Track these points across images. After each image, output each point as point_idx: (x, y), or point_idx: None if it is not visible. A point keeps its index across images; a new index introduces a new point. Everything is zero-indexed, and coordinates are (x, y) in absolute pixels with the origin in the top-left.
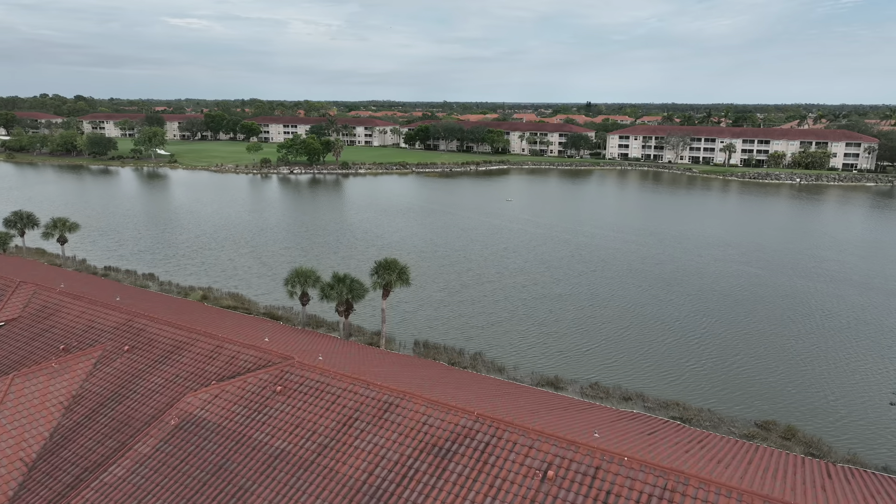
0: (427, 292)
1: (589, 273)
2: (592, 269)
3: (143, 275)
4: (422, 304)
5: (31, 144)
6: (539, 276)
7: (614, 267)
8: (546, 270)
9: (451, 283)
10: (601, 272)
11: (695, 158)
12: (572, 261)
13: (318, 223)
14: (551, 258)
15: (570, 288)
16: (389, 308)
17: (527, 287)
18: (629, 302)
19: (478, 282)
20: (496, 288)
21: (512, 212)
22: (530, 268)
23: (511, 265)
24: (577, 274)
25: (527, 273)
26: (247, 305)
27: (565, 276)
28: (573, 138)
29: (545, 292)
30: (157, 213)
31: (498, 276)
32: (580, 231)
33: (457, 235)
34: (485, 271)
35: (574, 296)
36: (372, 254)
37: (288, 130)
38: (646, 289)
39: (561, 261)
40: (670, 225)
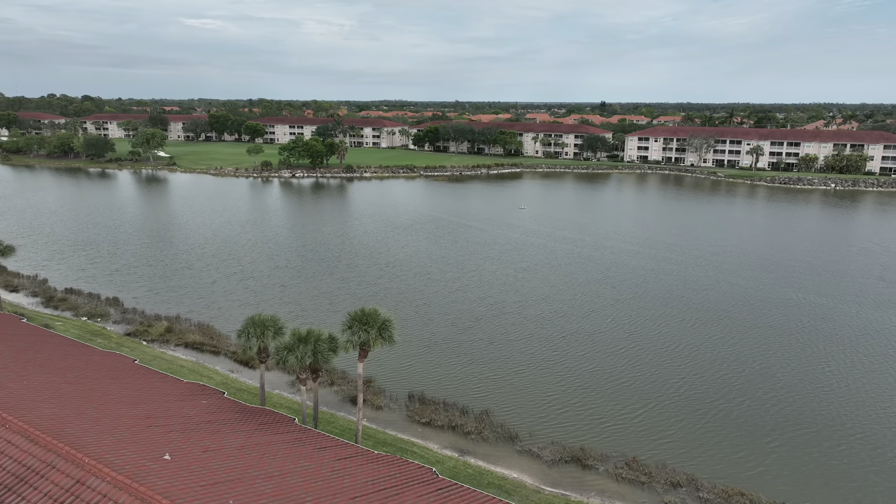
0: (432, 328)
1: (623, 302)
2: (626, 295)
3: (106, 299)
4: (424, 344)
5: (28, 146)
6: (564, 306)
7: (651, 294)
8: (572, 298)
9: (462, 316)
10: (637, 301)
11: (719, 161)
12: (601, 285)
13: (316, 236)
14: (577, 281)
15: (601, 322)
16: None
17: (551, 321)
18: (675, 343)
19: (493, 313)
20: (515, 322)
21: (527, 222)
22: (554, 294)
23: (531, 290)
24: (608, 303)
25: (550, 301)
26: (215, 342)
27: (595, 305)
28: (589, 140)
29: (573, 328)
30: (143, 225)
31: (517, 306)
32: (605, 246)
33: (468, 252)
34: (501, 299)
35: (608, 334)
36: (373, 275)
37: (294, 131)
38: (691, 324)
39: (588, 285)
40: (704, 239)
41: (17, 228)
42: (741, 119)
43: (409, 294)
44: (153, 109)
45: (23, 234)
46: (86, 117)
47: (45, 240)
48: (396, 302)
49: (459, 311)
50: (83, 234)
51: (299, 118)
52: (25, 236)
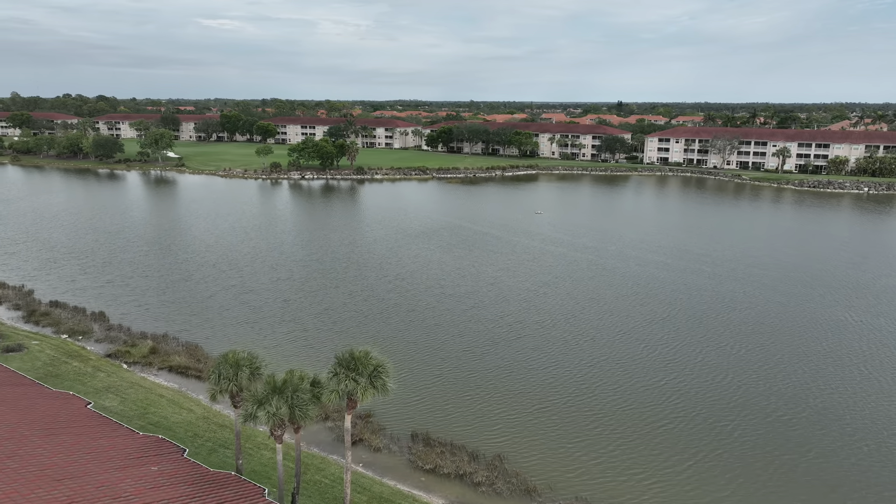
0: (442, 353)
1: (656, 324)
2: (658, 315)
3: (92, 314)
4: (433, 373)
5: (37, 147)
6: (591, 327)
7: (686, 313)
8: (599, 317)
9: (477, 339)
10: (671, 321)
11: (743, 163)
12: (630, 302)
13: (322, 245)
14: (602, 297)
15: (633, 348)
16: None
17: (577, 345)
18: (719, 375)
19: (511, 335)
20: (536, 346)
21: (545, 228)
22: (578, 312)
23: (553, 308)
24: (639, 323)
25: (574, 321)
26: (201, 365)
27: (625, 326)
28: (608, 141)
29: (601, 355)
30: (143, 231)
31: (538, 327)
32: (630, 256)
33: (484, 262)
34: (520, 318)
35: (641, 362)
36: (382, 289)
37: (306, 132)
38: (735, 350)
39: (616, 302)
40: (736, 248)
41: (14, 234)
42: (764, 119)
43: (419, 312)
44: (166, 110)
45: (18, 241)
46: (98, 117)
47: (41, 247)
48: (405, 322)
49: (474, 333)
50: (80, 241)
51: (311, 118)
52: (21, 243)
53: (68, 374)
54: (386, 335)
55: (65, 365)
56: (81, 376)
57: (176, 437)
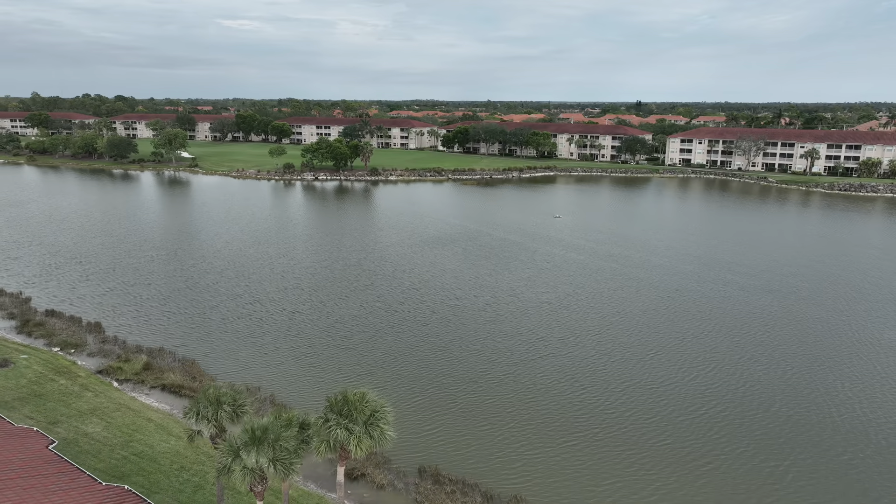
0: (457, 375)
1: (689, 342)
2: (691, 332)
3: (88, 325)
4: (446, 400)
5: (53, 147)
6: (619, 346)
7: (720, 330)
8: (627, 335)
9: (495, 359)
10: (706, 340)
11: (769, 165)
12: (659, 317)
13: (334, 251)
14: (629, 311)
15: (667, 371)
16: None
17: (604, 367)
18: (766, 404)
19: (533, 353)
20: (560, 367)
21: (564, 234)
22: (605, 328)
23: (577, 323)
24: (671, 342)
25: (601, 339)
26: (196, 383)
27: (656, 345)
28: (628, 141)
29: (633, 379)
30: (150, 235)
31: (562, 345)
32: (656, 265)
33: (502, 271)
34: (542, 334)
35: (677, 388)
36: (395, 300)
37: (321, 132)
38: (780, 375)
39: (643, 317)
40: (769, 257)
41: (21, 238)
42: (790, 120)
43: (432, 326)
44: (183, 109)
45: (23, 245)
46: (115, 117)
47: (45, 251)
48: (417, 338)
49: (491, 352)
50: (86, 246)
51: (327, 118)
52: (26, 247)
53: (53, 393)
54: (397, 353)
55: (51, 383)
56: (66, 396)
57: (160, 469)
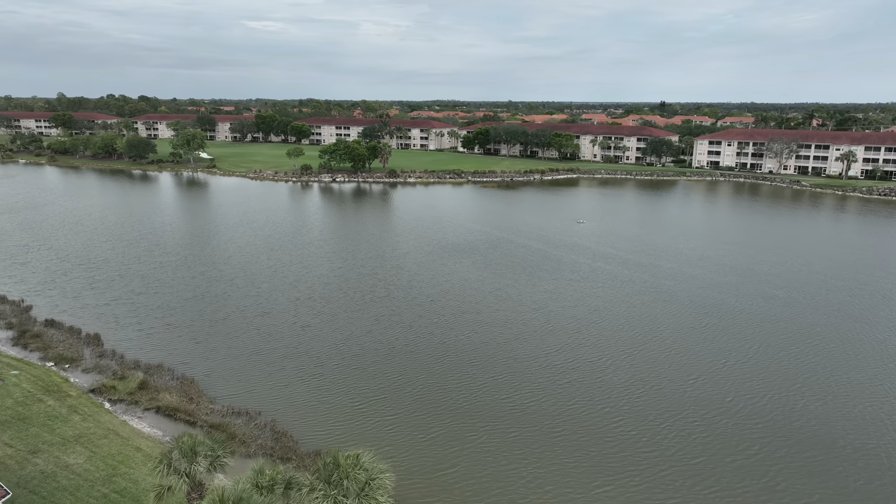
0: (477, 402)
1: (733, 367)
2: (734, 356)
3: (87, 337)
4: (464, 432)
5: (74, 147)
6: (657, 370)
7: (766, 353)
8: (665, 356)
9: (520, 382)
10: (751, 365)
11: (802, 168)
12: (699, 337)
13: (349, 259)
14: (665, 329)
15: (716, 403)
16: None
17: (643, 397)
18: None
19: (560, 378)
20: (591, 395)
21: (589, 241)
22: (639, 349)
23: (609, 343)
24: (714, 367)
25: (636, 361)
26: (193, 406)
27: (698, 370)
28: (654, 143)
29: (676, 412)
30: (162, 240)
31: (591, 369)
32: (690, 276)
33: (525, 282)
34: (570, 355)
35: (730, 424)
36: (411, 314)
37: (340, 132)
38: (840, 405)
39: (681, 336)
40: (812, 270)
41: (32, 241)
42: (822, 121)
43: (451, 345)
44: (204, 110)
45: (32, 249)
46: (137, 117)
47: (54, 256)
48: (434, 358)
49: (515, 375)
50: (95, 251)
51: (346, 119)
52: (35, 251)
53: (38, 416)
54: (410, 375)
55: (38, 404)
56: (52, 420)
57: None
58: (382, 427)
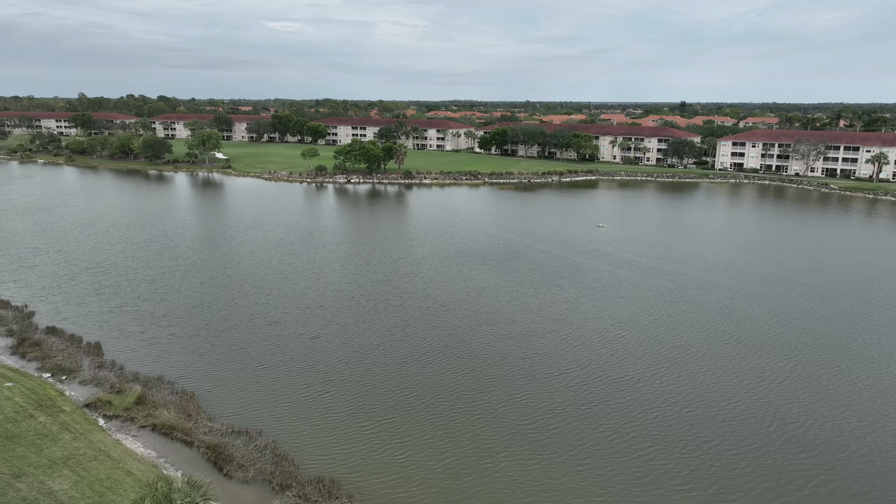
0: (494, 428)
1: (772, 389)
2: (770, 375)
3: (87, 345)
4: (480, 465)
5: (91, 147)
6: (687, 391)
7: (806, 371)
8: (693, 374)
9: (539, 405)
10: (793, 386)
11: (830, 171)
12: (731, 353)
13: (363, 264)
14: (693, 344)
15: (759, 434)
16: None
17: (672, 425)
18: None
19: (584, 400)
20: (618, 419)
21: (610, 246)
22: (668, 367)
23: (633, 358)
24: (752, 389)
25: (664, 381)
26: (191, 424)
27: (733, 391)
28: (675, 144)
29: (712, 442)
30: (174, 243)
31: (617, 389)
32: (718, 285)
33: (543, 291)
34: (594, 373)
35: (774, 455)
36: (425, 324)
37: (356, 133)
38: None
39: (713, 352)
40: (849, 279)
41: (42, 244)
42: (849, 121)
43: (466, 359)
44: (221, 110)
45: (42, 252)
46: (155, 117)
47: (63, 259)
48: (448, 374)
49: (535, 398)
50: (105, 254)
51: (363, 119)
52: (44, 254)
53: (27, 434)
54: (422, 394)
55: (28, 421)
56: (41, 439)
57: None
58: (392, 452)
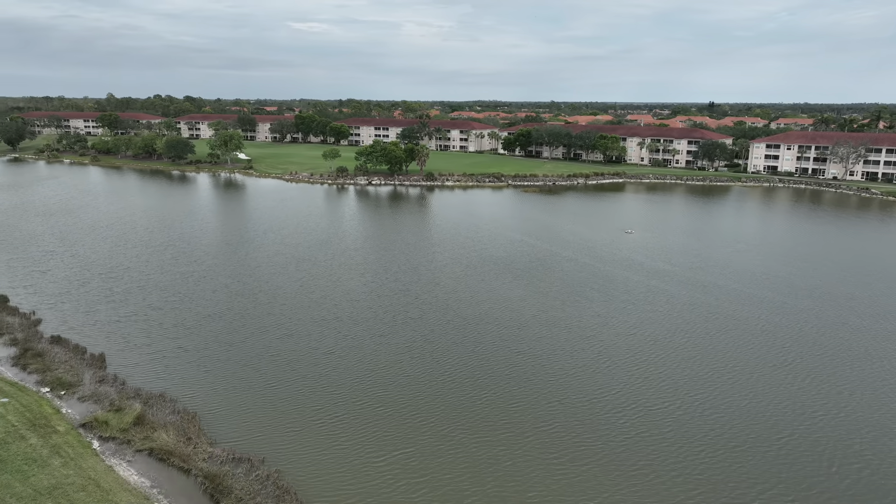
0: (519, 463)
1: (833, 422)
2: (834, 408)
3: (91, 357)
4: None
5: (116, 147)
6: (739, 426)
7: (870, 399)
8: (744, 406)
9: (571, 437)
10: (860, 418)
11: (870, 174)
12: (782, 377)
13: (382, 272)
14: (742, 367)
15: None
16: None
17: (721, 464)
18: None
19: (617, 432)
20: (656, 455)
21: (639, 255)
22: (715, 395)
23: (671, 380)
24: (810, 427)
25: (710, 409)
26: (190, 449)
27: (791, 430)
28: (706, 146)
29: (766, 486)
30: (190, 248)
31: (655, 418)
32: (761, 300)
33: (573, 303)
34: (630, 398)
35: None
36: (446, 339)
37: (379, 133)
38: None
39: (766, 378)
40: None
41: (57, 247)
42: (889, 123)
43: (490, 384)
44: (245, 110)
45: (56, 256)
46: (181, 118)
47: (77, 264)
48: (469, 399)
49: (565, 428)
50: (120, 258)
51: (385, 119)
52: (58, 257)
53: (14, 460)
54: (441, 422)
55: (18, 443)
56: (29, 465)
57: None
58: (407, 491)
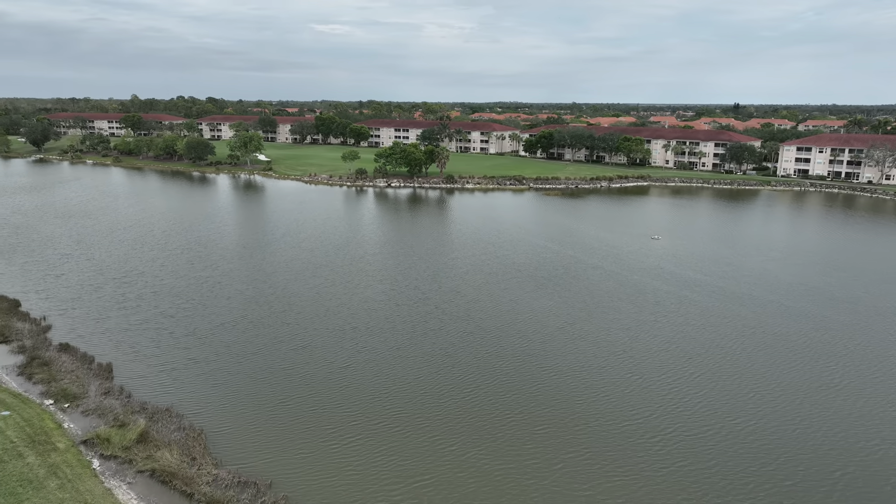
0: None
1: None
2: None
3: (98, 367)
4: None
5: (137, 148)
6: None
7: None
8: (791, 432)
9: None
10: None
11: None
12: (837, 402)
13: (401, 280)
14: (782, 384)
15: None
16: None
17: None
18: None
19: (651, 462)
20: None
21: (668, 262)
22: (753, 415)
23: (707, 400)
24: (867, 456)
25: (750, 434)
26: (194, 470)
27: (848, 461)
28: (734, 149)
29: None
30: (206, 252)
31: (694, 446)
32: (802, 314)
33: (601, 317)
34: (665, 426)
35: None
36: (468, 353)
37: (399, 135)
38: None
39: (813, 400)
40: None
41: (74, 251)
42: None
43: (514, 404)
44: (269, 111)
45: (72, 259)
46: (202, 119)
47: (92, 268)
48: (490, 420)
49: (594, 456)
50: (135, 262)
51: (406, 121)
52: (74, 261)
53: (9, 480)
54: (462, 446)
55: (16, 461)
56: (23, 486)
57: None
58: None
